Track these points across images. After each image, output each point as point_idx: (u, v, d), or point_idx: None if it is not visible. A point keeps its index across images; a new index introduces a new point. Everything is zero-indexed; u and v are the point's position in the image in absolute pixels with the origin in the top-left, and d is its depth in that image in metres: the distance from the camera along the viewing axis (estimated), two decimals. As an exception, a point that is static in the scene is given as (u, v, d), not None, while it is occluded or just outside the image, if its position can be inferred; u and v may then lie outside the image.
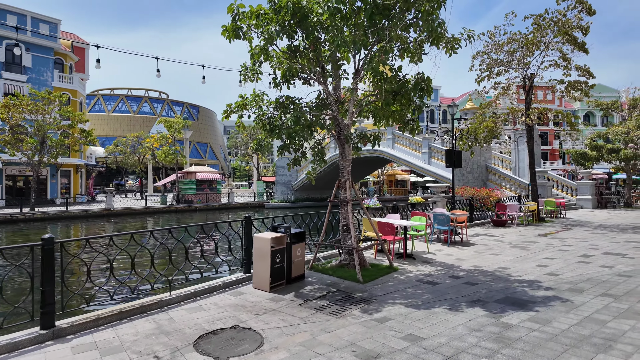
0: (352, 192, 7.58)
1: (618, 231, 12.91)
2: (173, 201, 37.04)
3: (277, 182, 41.18)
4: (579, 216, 18.12)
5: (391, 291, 6.25)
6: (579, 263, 8.07)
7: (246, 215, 6.89)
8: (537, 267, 7.80)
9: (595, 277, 6.86)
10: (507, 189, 21.93)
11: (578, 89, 14.46)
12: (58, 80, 37.31)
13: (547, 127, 64.01)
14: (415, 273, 7.45)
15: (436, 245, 10.58)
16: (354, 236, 7.12)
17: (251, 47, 6.91)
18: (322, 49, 7.02)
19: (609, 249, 9.70)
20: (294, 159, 7.59)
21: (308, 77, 7.10)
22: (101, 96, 78.63)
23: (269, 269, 6.08)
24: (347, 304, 5.62)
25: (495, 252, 9.53)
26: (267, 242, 6.10)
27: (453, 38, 6.81)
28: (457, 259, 8.71)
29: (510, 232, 13.03)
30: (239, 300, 5.75)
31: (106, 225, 26.03)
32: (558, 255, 8.99)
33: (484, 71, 16.76)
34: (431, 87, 6.93)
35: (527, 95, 16.05)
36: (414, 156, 27.17)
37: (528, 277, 6.97)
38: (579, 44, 13.64)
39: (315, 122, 6.98)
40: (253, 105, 7.23)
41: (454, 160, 12.72)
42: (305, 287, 6.42)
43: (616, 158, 23.89)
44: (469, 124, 15.95)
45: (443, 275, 7.28)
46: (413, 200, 12.05)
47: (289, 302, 5.68)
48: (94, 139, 32.86)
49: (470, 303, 5.56)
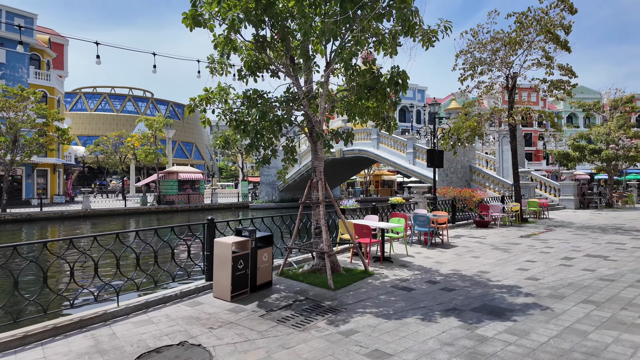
0: (324, 193, 7.14)
1: (600, 232, 12.78)
2: (154, 202, 36.08)
3: (262, 182, 40.56)
4: (561, 217, 18.06)
5: (363, 299, 5.83)
6: (561, 266, 7.78)
7: (209, 218, 6.38)
8: (518, 270, 7.49)
9: (577, 282, 6.56)
10: (491, 189, 21.82)
11: (561, 89, 14.32)
12: (34, 77, 36.00)
13: (532, 128, 64.80)
14: (391, 278, 7.05)
15: (416, 247, 10.23)
16: (326, 239, 6.69)
17: (214, 36, 6.41)
18: (291, 39, 6.57)
19: (591, 250, 9.48)
20: (264, 157, 7.12)
21: (276, 69, 6.63)
22: (83, 94, 76.68)
23: (231, 276, 5.59)
24: (313, 314, 5.18)
25: (476, 254, 9.22)
26: (228, 247, 5.61)
27: (430, 30, 6.45)
28: (436, 262, 8.36)
29: (493, 233, 12.78)
30: (195, 312, 5.25)
31: (81, 227, 25.09)
32: (540, 257, 8.71)
33: (467, 70, 16.54)
34: (407, 82, 6.54)
35: (510, 94, 15.88)
36: (399, 156, 26.91)
37: (508, 282, 6.63)
38: (561, 42, 13.48)
39: (285, 118, 6.52)
40: (218, 99, 6.74)
41: (435, 160, 12.40)
42: (271, 296, 5.96)
43: (598, 159, 24.02)
44: (452, 124, 15.70)
45: (420, 280, 6.90)
46: (393, 201, 11.68)
47: (249, 314, 5.20)
48: (70, 138, 31.72)
49: (445, 312, 5.17)
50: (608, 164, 24.31)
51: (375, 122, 7.54)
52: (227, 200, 41.05)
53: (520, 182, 18.75)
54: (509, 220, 15.36)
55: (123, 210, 32.63)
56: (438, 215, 10.91)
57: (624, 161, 23.82)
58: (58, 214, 28.99)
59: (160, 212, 34.26)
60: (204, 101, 6.62)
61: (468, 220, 15.45)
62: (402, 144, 26.96)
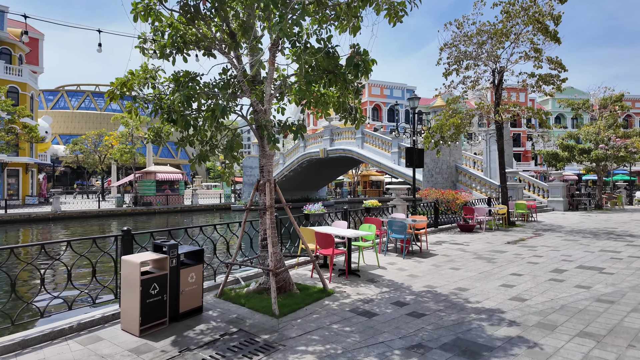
0: (274, 197, 5.99)
1: (592, 237, 11.85)
2: (130, 203, 34.54)
3: (244, 182, 39.27)
4: (550, 219, 17.18)
5: (310, 330, 4.69)
6: (551, 282, 6.75)
7: (124, 229, 5.19)
8: (502, 287, 6.43)
9: (571, 304, 5.51)
10: (478, 190, 20.90)
11: (550, 83, 13.37)
12: (4, 72, 34.19)
13: (520, 128, 64.48)
14: (353, 298, 5.93)
15: (391, 256, 9.14)
16: (272, 253, 5.53)
17: (133, 5, 5.21)
18: (228, 10, 5.40)
19: (584, 260, 8.49)
20: (200, 153, 5.94)
21: (210, 46, 5.46)
22: (65, 92, 74.33)
23: (139, 304, 4.41)
24: (240, 356, 4.03)
25: (456, 265, 8.16)
26: (135, 267, 4.43)
27: (398, 2, 5.35)
28: (409, 276, 7.27)
29: (477, 238, 11.77)
30: (84, 354, 4.05)
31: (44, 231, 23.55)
32: (527, 269, 7.68)
33: (452, 64, 15.56)
34: (369, 64, 5.43)
35: (496, 90, 14.91)
36: (384, 156, 25.89)
37: (489, 304, 5.56)
38: (551, 33, 12.53)
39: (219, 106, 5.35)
40: (142, 83, 5.55)
41: (414, 159, 11.33)
42: (195, 327, 4.78)
43: (587, 159, 23.28)
44: (435, 121, 14.68)
45: (386, 300, 5.79)
46: (368, 205, 10.58)
47: (156, 355, 4.03)
48: (38, 136, 30.04)
49: (406, 352, 4.06)
50: (597, 165, 23.59)
51: (340, 115, 6.43)
52: (208, 201, 39.62)
53: (508, 183, 17.84)
54: (495, 224, 14.39)
55: (96, 212, 31.07)
56: (417, 220, 9.84)
57: (614, 161, 23.13)
58: (25, 217, 27.36)
59: (137, 213, 32.74)
60: (123, 86, 5.41)
61: (452, 224, 14.45)
62: (387, 143, 25.95)
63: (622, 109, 24.25)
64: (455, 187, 21.09)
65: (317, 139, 33.47)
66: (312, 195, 43.20)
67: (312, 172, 36.50)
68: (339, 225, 8.75)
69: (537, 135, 62.08)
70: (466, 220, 13.62)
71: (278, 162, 38.36)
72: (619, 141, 22.65)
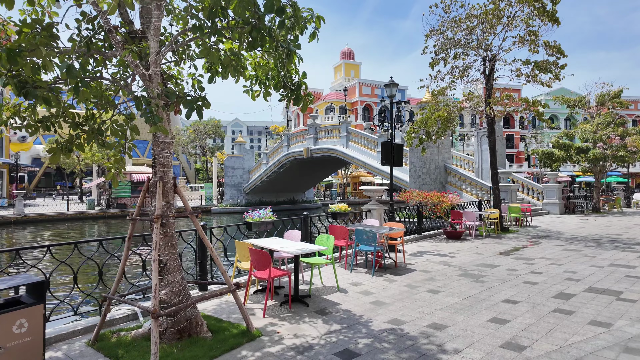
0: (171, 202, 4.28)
1: (596, 246, 10.28)
2: (103, 205, 32.55)
3: (227, 184, 37.39)
4: (546, 224, 15.64)
5: (192, 410, 2.98)
6: (556, 314, 5.11)
7: None
8: (491, 324, 4.78)
9: (588, 358, 3.86)
10: (468, 192, 19.34)
11: (547, 71, 11.80)
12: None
13: (513, 129, 63.36)
14: (285, 344, 4.24)
15: (358, 273, 7.45)
16: (156, 287, 3.80)
17: None
18: None
19: (594, 279, 6.88)
20: (68, 139, 4.21)
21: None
22: (45, 90, 71.96)
23: None
24: None
25: (435, 286, 6.50)
26: None
27: None
28: (373, 303, 5.60)
29: (465, 248, 10.15)
30: None
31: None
32: (524, 293, 6.04)
33: (438, 53, 13.98)
34: (300, 12, 3.78)
35: (487, 80, 13.35)
36: (369, 155, 24.26)
37: (473, 356, 3.90)
38: (548, 13, 10.98)
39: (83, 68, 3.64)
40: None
41: (391, 156, 9.65)
42: (10, 407, 3.06)
43: (584, 159, 21.84)
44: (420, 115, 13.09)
45: (330, 349, 4.11)
46: (334, 209, 8.90)
47: None
48: (-2, 133, 27.89)
49: None
50: (595, 165, 22.16)
51: (275, 87, 4.76)
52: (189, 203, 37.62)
53: (501, 184, 16.29)
54: (486, 229, 12.79)
55: (64, 215, 29.08)
56: (393, 229, 8.16)
57: (612, 161, 21.70)
58: (-19, 220, 25.31)
59: (109, 216, 30.77)
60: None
61: (439, 229, 12.83)
62: (373, 142, 24.32)
63: (621, 106, 22.87)
64: (445, 189, 19.51)
65: (300, 138, 31.78)
66: (298, 197, 41.45)
67: (296, 173, 34.76)
68: (291, 237, 7.04)
69: (531, 136, 60.96)
70: (453, 226, 12.00)
71: (262, 163, 36.59)
72: (617, 140, 21.23)
